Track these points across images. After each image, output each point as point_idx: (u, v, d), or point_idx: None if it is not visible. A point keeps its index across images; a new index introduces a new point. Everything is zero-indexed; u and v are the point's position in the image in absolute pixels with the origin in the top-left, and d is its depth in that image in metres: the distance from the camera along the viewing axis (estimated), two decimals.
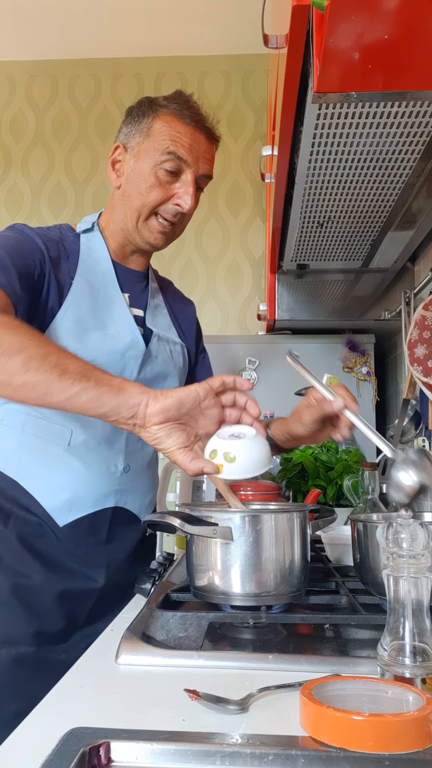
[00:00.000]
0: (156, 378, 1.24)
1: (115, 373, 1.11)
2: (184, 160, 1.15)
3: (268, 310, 2.15)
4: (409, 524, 0.62)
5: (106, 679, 0.69)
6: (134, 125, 1.20)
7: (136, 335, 1.20)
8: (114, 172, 1.23)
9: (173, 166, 1.15)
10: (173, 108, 1.18)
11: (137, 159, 1.18)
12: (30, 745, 0.53)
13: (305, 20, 0.75)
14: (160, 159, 1.15)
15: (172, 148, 1.15)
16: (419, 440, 1.73)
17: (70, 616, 1.12)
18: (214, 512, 0.88)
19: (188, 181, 1.16)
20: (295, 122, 0.98)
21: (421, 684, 0.58)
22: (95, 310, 1.17)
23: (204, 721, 0.58)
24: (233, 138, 3.13)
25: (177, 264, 3.08)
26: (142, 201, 1.17)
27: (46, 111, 3.21)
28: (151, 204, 1.17)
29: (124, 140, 1.21)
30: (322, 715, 0.51)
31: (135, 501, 1.22)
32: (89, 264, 1.21)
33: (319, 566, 1.16)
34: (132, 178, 1.18)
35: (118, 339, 1.17)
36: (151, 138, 1.17)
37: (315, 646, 0.81)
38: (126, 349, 1.18)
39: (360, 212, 1.32)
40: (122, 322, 1.20)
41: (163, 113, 1.18)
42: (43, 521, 1.13)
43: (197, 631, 0.83)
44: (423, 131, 0.98)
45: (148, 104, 1.20)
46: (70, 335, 1.12)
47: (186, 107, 1.19)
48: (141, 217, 1.18)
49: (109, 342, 1.16)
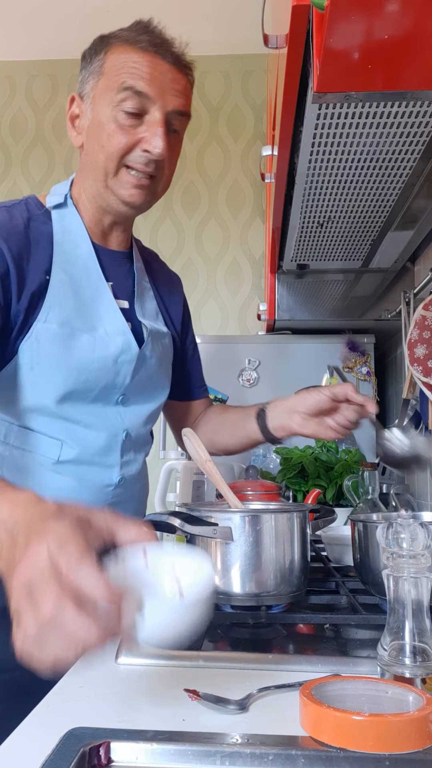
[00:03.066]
0: (149, 381, 1.12)
1: (108, 381, 1.04)
2: (145, 95, 0.96)
3: (268, 310, 2.15)
4: (409, 524, 0.62)
5: (106, 679, 0.69)
6: (87, 68, 1.02)
7: (128, 338, 1.06)
8: (74, 130, 1.04)
9: (134, 105, 0.96)
10: (126, 36, 0.98)
11: (94, 106, 0.99)
12: (30, 745, 0.53)
13: (305, 20, 0.75)
14: (117, 98, 0.96)
15: (129, 82, 0.95)
16: None
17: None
18: (214, 512, 0.88)
19: (155, 120, 0.97)
20: (295, 122, 0.98)
21: (421, 684, 0.58)
22: (80, 308, 1.01)
23: (204, 721, 0.58)
24: (233, 138, 3.13)
25: (177, 264, 3.07)
26: (105, 153, 0.98)
27: (46, 111, 3.21)
28: (115, 154, 0.98)
29: (79, 89, 1.03)
30: (322, 715, 0.51)
31: (127, 512, 1.08)
32: (66, 249, 1.03)
33: (319, 566, 1.16)
34: (92, 131, 1.00)
35: (108, 343, 1.03)
36: (105, 76, 0.98)
37: (315, 646, 0.81)
38: (118, 353, 1.04)
39: (360, 212, 1.32)
40: (111, 322, 1.05)
41: (115, 45, 0.98)
42: None
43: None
44: (423, 131, 0.97)
45: (100, 40, 1.01)
46: (56, 341, 0.97)
47: (142, 32, 0.99)
48: (109, 173, 1.00)
49: (99, 346, 1.02)
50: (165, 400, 1.18)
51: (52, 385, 0.99)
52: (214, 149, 3.13)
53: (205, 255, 3.10)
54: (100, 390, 1.03)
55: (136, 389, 1.09)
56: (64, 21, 2.89)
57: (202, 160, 3.12)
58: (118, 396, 1.07)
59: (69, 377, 0.99)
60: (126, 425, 1.08)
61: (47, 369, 0.99)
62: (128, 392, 1.08)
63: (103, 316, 1.05)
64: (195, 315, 3.07)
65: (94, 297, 1.04)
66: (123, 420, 1.08)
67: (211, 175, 3.12)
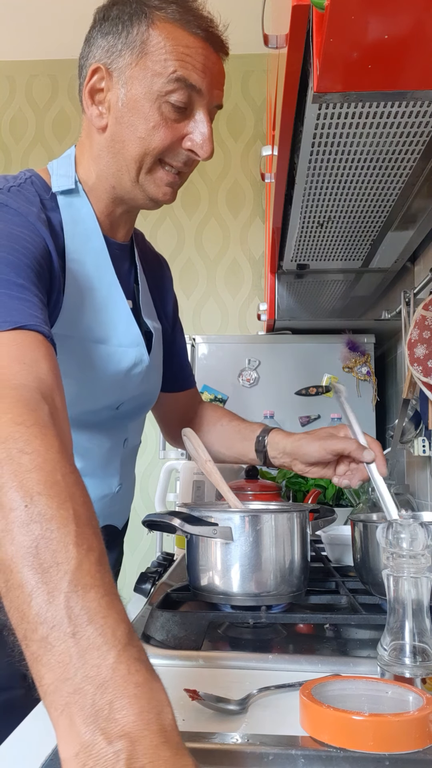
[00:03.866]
0: (147, 387, 1.05)
1: (114, 394, 0.95)
2: (198, 89, 0.86)
3: (268, 310, 2.15)
4: (409, 524, 0.62)
5: None
6: (119, 36, 0.86)
7: (141, 350, 0.97)
8: (95, 106, 0.89)
9: (183, 99, 0.85)
10: (173, 12, 0.85)
11: (130, 87, 0.85)
12: (30, 745, 0.53)
13: (305, 20, 0.75)
14: (165, 89, 0.84)
15: (182, 72, 0.84)
16: (419, 440, 1.73)
17: None
18: (214, 512, 0.88)
19: (203, 119, 0.88)
20: (295, 122, 0.98)
21: (421, 684, 0.58)
22: (93, 311, 0.91)
23: (204, 721, 0.57)
24: (233, 138, 3.13)
25: (177, 264, 3.07)
26: (144, 147, 0.87)
27: (46, 111, 3.21)
28: (156, 149, 0.87)
29: (106, 59, 0.87)
30: (322, 715, 0.51)
31: (121, 515, 1.11)
32: (77, 241, 0.90)
33: (319, 566, 1.16)
34: (126, 116, 0.86)
35: (122, 356, 0.94)
36: (149, 57, 0.84)
37: (315, 646, 0.81)
38: (131, 367, 0.95)
39: (360, 212, 1.32)
40: (125, 332, 0.95)
41: (162, 19, 0.85)
42: None
43: (197, 631, 0.83)
44: (423, 131, 0.97)
45: (138, 5, 0.86)
46: (67, 352, 0.84)
47: (189, 12, 0.86)
48: (143, 168, 0.89)
49: (113, 361, 0.92)
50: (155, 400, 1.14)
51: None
52: (214, 149, 3.13)
53: (205, 255, 3.10)
54: (106, 402, 0.98)
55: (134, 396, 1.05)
56: (64, 21, 2.89)
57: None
58: (118, 404, 1.01)
59: (76, 390, 0.90)
60: (126, 433, 1.06)
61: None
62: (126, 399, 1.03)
63: (116, 324, 0.95)
64: (195, 315, 3.09)
65: (107, 301, 0.95)
66: (125, 428, 1.05)
67: (211, 175, 3.12)
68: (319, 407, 2.23)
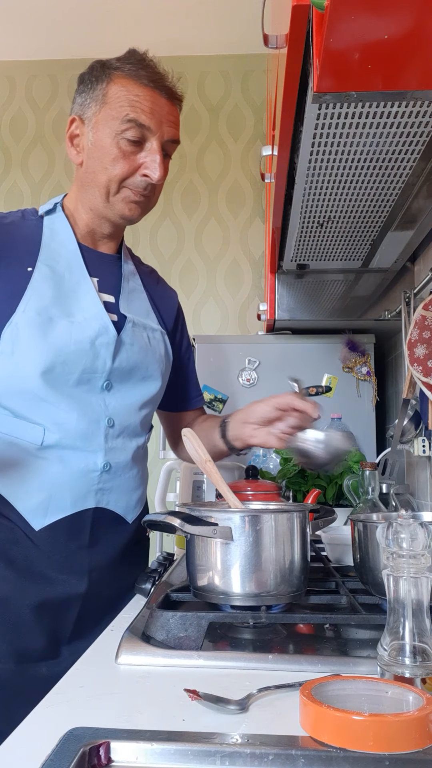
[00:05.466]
0: (134, 369, 1.16)
1: (87, 363, 1.10)
2: (147, 127, 1.08)
3: (268, 310, 2.15)
4: (409, 524, 0.62)
5: (106, 679, 0.69)
6: (88, 93, 1.12)
7: (105, 321, 1.11)
8: (73, 148, 1.15)
9: (135, 135, 1.08)
10: (128, 69, 1.09)
11: (96, 130, 1.10)
12: (30, 745, 0.53)
13: (305, 20, 0.75)
14: (121, 128, 1.07)
15: (132, 115, 1.07)
16: (419, 440, 1.73)
17: (52, 629, 1.05)
18: (214, 512, 0.88)
19: (154, 149, 1.09)
20: (295, 122, 0.98)
21: (421, 684, 0.58)
22: (59, 298, 1.09)
23: (204, 721, 0.58)
24: (233, 138, 3.13)
25: (177, 264, 3.07)
26: (108, 176, 1.10)
27: (46, 111, 3.21)
28: (117, 177, 1.10)
29: (80, 111, 1.13)
30: (322, 715, 0.51)
31: (119, 501, 1.13)
32: (53, 248, 1.13)
33: (319, 566, 1.16)
34: (93, 153, 1.11)
35: (85, 326, 1.09)
36: (108, 105, 1.09)
37: (315, 646, 0.81)
38: (95, 336, 1.09)
39: (360, 212, 1.32)
40: (90, 308, 1.12)
41: (118, 76, 1.09)
42: (16, 525, 1.05)
43: (197, 631, 0.83)
44: (423, 131, 0.98)
45: (101, 68, 1.11)
46: (32, 328, 1.05)
47: (142, 67, 1.09)
48: (110, 191, 1.11)
49: (76, 330, 1.08)
50: (156, 393, 1.21)
51: (30, 366, 1.05)
52: (214, 149, 3.13)
53: (205, 255, 3.09)
54: (81, 373, 1.08)
55: (120, 376, 1.14)
56: (64, 21, 2.89)
57: (202, 160, 3.12)
58: (103, 382, 1.11)
59: (46, 357, 1.05)
60: (109, 412, 1.12)
61: (25, 351, 1.05)
62: (112, 379, 1.13)
63: (82, 303, 1.12)
64: (195, 315, 3.08)
65: (75, 288, 1.12)
66: (106, 406, 1.12)
67: (211, 175, 3.12)
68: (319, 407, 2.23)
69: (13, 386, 1.06)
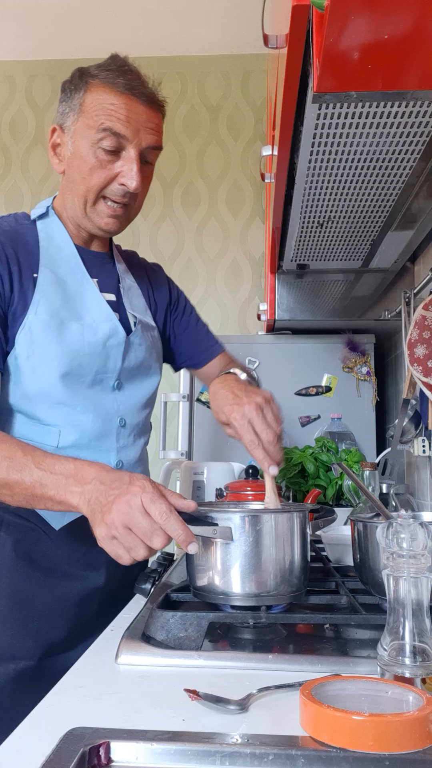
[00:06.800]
0: (140, 367, 1.19)
1: (100, 364, 1.12)
2: (123, 135, 1.05)
3: (268, 310, 2.15)
4: (409, 524, 0.62)
5: (106, 679, 0.69)
6: (67, 102, 1.11)
7: (115, 323, 1.14)
8: (56, 157, 1.14)
9: (112, 144, 1.05)
10: (104, 77, 1.07)
11: (74, 140, 1.09)
12: (30, 745, 0.53)
13: (305, 20, 0.75)
14: (97, 137, 1.05)
15: (107, 124, 1.05)
16: (419, 440, 1.73)
17: (73, 622, 1.09)
18: (214, 512, 0.88)
19: (131, 157, 1.06)
20: (295, 122, 0.98)
21: (421, 684, 0.58)
22: (66, 301, 1.10)
23: (204, 721, 0.58)
24: (233, 138, 3.13)
25: (177, 264, 3.07)
26: (86, 186, 1.08)
27: (46, 111, 3.21)
28: (95, 188, 1.08)
29: (61, 120, 1.12)
30: (322, 715, 0.51)
31: None
32: (51, 252, 1.13)
33: (319, 566, 1.16)
34: (72, 162, 1.09)
35: (96, 329, 1.11)
36: (85, 115, 1.07)
37: (315, 646, 0.81)
38: (107, 338, 1.12)
39: (360, 212, 1.32)
40: (97, 311, 1.13)
41: (94, 85, 1.07)
42: (36, 526, 1.09)
43: (197, 631, 0.83)
44: (423, 131, 0.97)
45: (79, 76, 1.10)
46: (48, 330, 1.06)
47: (119, 74, 1.07)
48: (88, 202, 1.10)
49: (88, 332, 1.10)
50: (156, 389, 1.25)
51: (48, 369, 1.07)
52: (214, 149, 3.13)
53: (205, 255, 3.09)
54: (95, 375, 1.12)
55: (129, 375, 1.18)
56: (64, 21, 2.89)
57: (202, 160, 3.12)
58: (114, 382, 1.15)
59: (63, 361, 1.07)
60: (121, 411, 1.16)
61: (42, 355, 1.06)
62: (122, 378, 1.17)
63: (89, 306, 1.13)
64: None
65: (80, 290, 1.14)
66: (118, 406, 1.16)
67: (211, 175, 3.12)
68: (319, 407, 2.23)
69: (30, 390, 1.07)
